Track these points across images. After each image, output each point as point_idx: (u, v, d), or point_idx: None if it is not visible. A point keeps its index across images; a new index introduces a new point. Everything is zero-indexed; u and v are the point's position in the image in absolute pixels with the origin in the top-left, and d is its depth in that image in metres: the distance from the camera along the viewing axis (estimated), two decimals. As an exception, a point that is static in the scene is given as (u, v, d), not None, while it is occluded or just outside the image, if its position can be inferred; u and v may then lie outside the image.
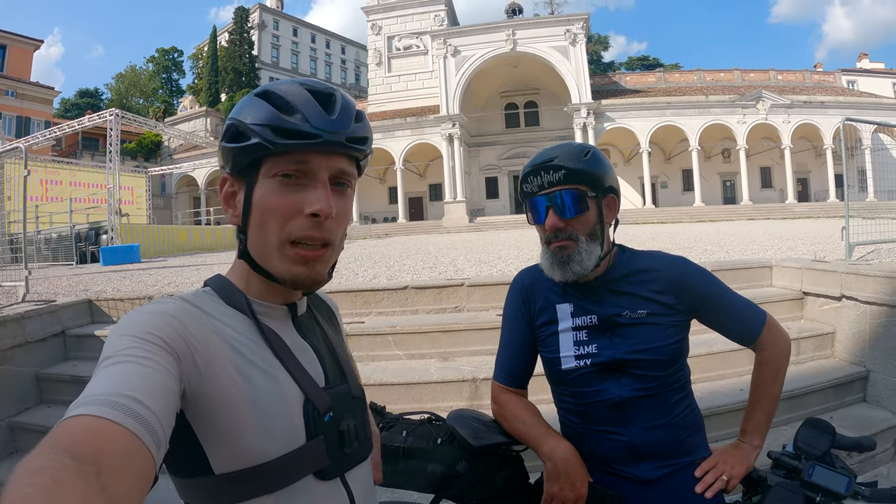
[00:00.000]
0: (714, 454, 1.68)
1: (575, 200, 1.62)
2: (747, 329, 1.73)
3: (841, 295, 4.75)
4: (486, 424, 1.78)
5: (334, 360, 1.13)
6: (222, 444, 0.89)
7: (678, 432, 1.65)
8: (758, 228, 19.91)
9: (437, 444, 1.71)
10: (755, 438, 1.72)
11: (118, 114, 23.83)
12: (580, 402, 1.70)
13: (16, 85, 44.74)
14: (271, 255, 0.98)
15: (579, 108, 42.82)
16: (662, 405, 1.64)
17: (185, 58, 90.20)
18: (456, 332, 4.73)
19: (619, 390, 1.63)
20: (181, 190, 53.89)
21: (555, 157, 1.64)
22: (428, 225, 42.94)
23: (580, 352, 1.68)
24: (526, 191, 1.70)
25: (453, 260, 10.39)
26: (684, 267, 1.75)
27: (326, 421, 1.01)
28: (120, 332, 0.83)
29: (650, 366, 1.62)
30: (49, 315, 4.99)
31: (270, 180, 0.97)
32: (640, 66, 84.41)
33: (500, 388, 1.84)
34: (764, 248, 9.98)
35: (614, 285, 1.71)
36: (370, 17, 53.11)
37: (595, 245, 1.65)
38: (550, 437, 1.65)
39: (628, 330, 1.65)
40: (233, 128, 0.98)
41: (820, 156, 43.91)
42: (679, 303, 1.68)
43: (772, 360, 1.73)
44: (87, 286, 8.28)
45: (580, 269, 1.62)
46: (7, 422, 4.24)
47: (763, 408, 1.75)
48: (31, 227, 19.52)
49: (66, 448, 0.58)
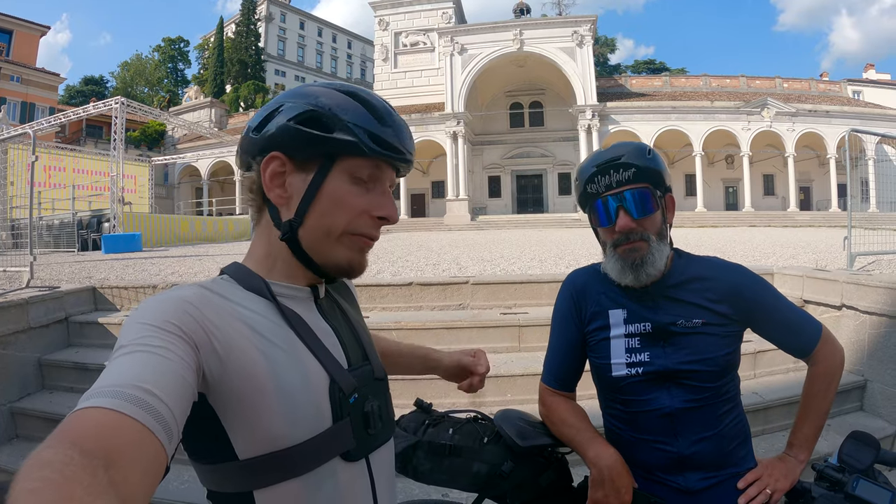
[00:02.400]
0: (759, 466, 1.65)
1: (647, 199, 1.59)
2: (803, 342, 1.69)
3: (841, 304, 4.76)
4: (533, 425, 1.75)
5: (356, 342, 1.14)
6: (247, 428, 0.89)
7: (726, 443, 1.62)
8: (759, 235, 19.90)
9: (483, 443, 1.67)
10: (802, 452, 1.69)
11: (123, 102, 23.81)
12: (629, 410, 1.67)
13: (21, 70, 44.71)
14: (330, 241, 1.02)
15: (584, 109, 42.73)
16: (712, 416, 1.61)
17: (191, 48, 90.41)
18: (459, 329, 4.74)
19: (670, 401, 1.60)
20: (184, 180, 53.82)
21: (622, 155, 1.61)
22: (430, 222, 42.89)
23: (632, 359, 1.64)
24: (590, 192, 1.66)
25: (456, 258, 10.38)
26: (741, 276, 1.70)
27: (352, 402, 1.01)
28: (136, 319, 0.83)
29: (703, 377, 1.59)
30: (53, 301, 4.99)
31: (345, 176, 1.01)
32: (647, 69, 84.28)
33: (548, 391, 1.81)
34: (765, 255, 9.97)
35: (670, 292, 1.66)
36: (378, 13, 53.06)
37: (664, 245, 1.63)
38: (597, 442, 1.62)
39: (682, 339, 1.61)
40: (320, 116, 0.99)
41: (823, 165, 43.86)
42: (734, 313, 1.64)
43: (825, 374, 1.70)
44: (90, 273, 8.28)
45: (653, 270, 1.60)
46: (8, 407, 4.23)
47: (812, 421, 1.71)
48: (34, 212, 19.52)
49: (75, 441, 0.58)
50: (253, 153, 1.02)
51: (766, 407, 4.09)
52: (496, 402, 4.09)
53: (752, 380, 4.40)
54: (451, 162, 44.10)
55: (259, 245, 1.07)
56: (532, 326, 4.82)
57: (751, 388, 4.23)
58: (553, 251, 12.05)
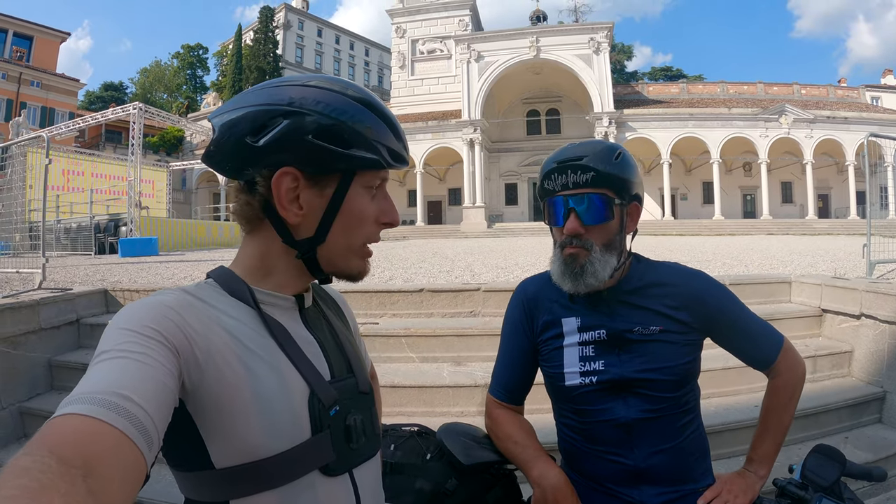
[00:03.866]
0: (718, 482, 1.60)
1: (601, 207, 1.52)
2: (762, 353, 1.65)
3: (860, 313, 4.64)
4: (478, 440, 1.70)
5: (341, 354, 1.11)
6: (223, 437, 0.87)
7: (684, 457, 1.57)
8: (777, 243, 19.71)
9: (426, 459, 1.62)
10: (762, 468, 1.64)
11: (142, 108, 24.01)
12: (583, 421, 1.62)
13: (41, 76, 45.43)
14: (348, 254, 1.03)
15: (601, 116, 42.75)
16: (670, 428, 1.56)
17: (209, 55, 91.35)
18: (470, 336, 4.68)
19: (626, 411, 1.55)
20: (201, 185, 54.31)
21: (583, 157, 1.53)
22: (446, 229, 43.05)
23: (586, 368, 1.59)
24: (547, 188, 1.60)
25: (470, 265, 10.35)
26: (703, 282, 1.66)
27: (332, 415, 0.99)
28: (118, 325, 0.82)
29: (660, 386, 1.54)
30: (64, 303, 5.00)
31: (361, 189, 1.01)
32: (664, 76, 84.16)
33: (495, 403, 1.77)
34: (783, 263, 9.85)
35: (627, 297, 1.61)
36: (395, 20, 53.47)
37: (611, 256, 1.56)
38: (541, 460, 1.56)
39: (639, 347, 1.57)
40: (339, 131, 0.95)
41: (842, 172, 43.54)
42: (694, 320, 1.59)
43: (785, 388, 1.65)
44: (104, 276, 8.32)
45: (593, 280, 1.54)
46: (17, 406, 4.24)
47: (772, 437, 1.67)
48: (52, 216, 19.74)
49: (53, 449, 0.58)
50: (255, 164, 0.96)
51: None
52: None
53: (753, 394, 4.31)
54: (468, 169, 44.21)
55: (251, 254, 1.04)
56: (544, 333, 4.71)
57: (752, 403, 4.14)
58: (567, 258, 11.91)
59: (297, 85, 0.98)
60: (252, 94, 0.98)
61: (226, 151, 0.98)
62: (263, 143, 0.93)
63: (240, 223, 1.04)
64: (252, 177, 0.97)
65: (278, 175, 0.94)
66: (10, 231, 7.60)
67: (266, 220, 1.00)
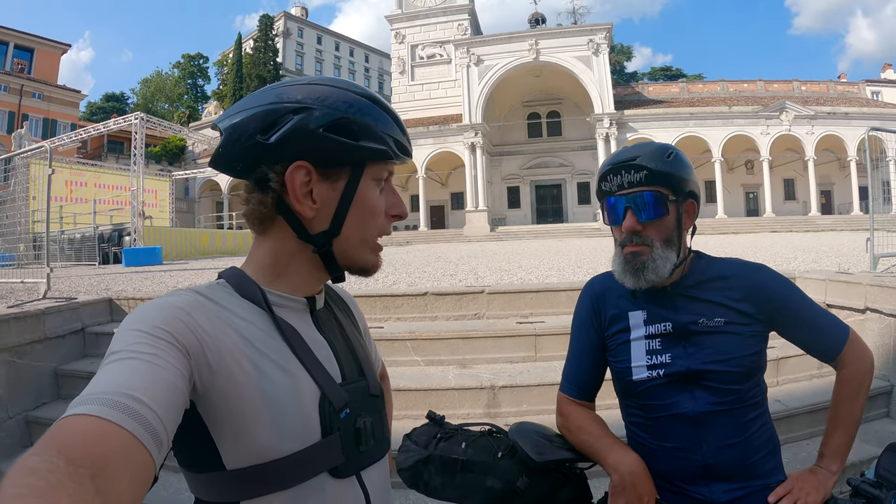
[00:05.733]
0: (789, 479, 1.56)
1: (655, 203, 1.54)
2: (829, 344, 1.62)
3: (865, 307, 4.65)
4: (550, 439, 1.67)
5: (352, 356, 1.10)
6: (234, 438, 0.87)
7: (753, 453, 1.55)
8: (781, 241, 19.71)
9: (497, 457, 1.60)
10: (834, 463, 1.60)
11: (143, 117, 24.00)
12: (650, 416, 1.61)
13: (43, 87, 45.58)
14: (364, 247, 1.03)
15: (602, 118, 42.73)
16: (738, 422, 1.54)
17: (210, 64, 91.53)
18: (475, 339, 4.69)
19: (693, 404, 1.53)
20: (204, 194, 54.41)
21: (637, 157, 1.56)
22: (449, 233, 43.04)
23: (653, 361, 1.59)
24: (604, 189, 1.63)
25: (474, 268, 10.35)
26: (765, 275, 1.64)
27: (342, 418, 0.98)
28: (129, 326, 0.82)
29: (727, 378, 1.52)
30: (69, 312, 5.02)
31: (371, 182, 1.01)
32: (663, 76, 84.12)
33: (567, 400, 1.76)
34: (787, 259, 9.85)
35: (690, 291, 1.62)
36: (394, 26, 53.51)
37: (671, 252, 1.57)
38: (617, 447, 1.55)
39: (704, 339, 1.56)
40: (348, 124, 0.96)
41: (844, 168, 43.50)
42: (758, 312, 1.58)
43: (854, 378, 1.62)
44: (108, 285, 8.35)
45: (654, 277, 1.54)
46: (24, 416, 4.27)
47: (843, 430, 1.63)
48: (56, 227, 19.78)
49: (61, 449, 0.58)
50: (267, 161, 0.95)
51: (789, 415, 3.99)
52: (511, 412, 4.02)
53: (775, 387, 4.29)
54: (470, 173, 44.20)
55: (263, 254, 1.03)
56: (549, 335, 4.73)
57: (773, 396, 4.13)
58: (571, 260, 12.01)
59: (303, 84, 0.99)
60: (258, 96, 0.99)
61: (236, 152, 0.98)
62: (275, 140, 0.93)
63: (251, 225, 1.04)
64: (265, 174, 0.96)
65: (292, 169, 0.94)
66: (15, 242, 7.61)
67: (279, 218, 0.99)
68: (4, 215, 8.13)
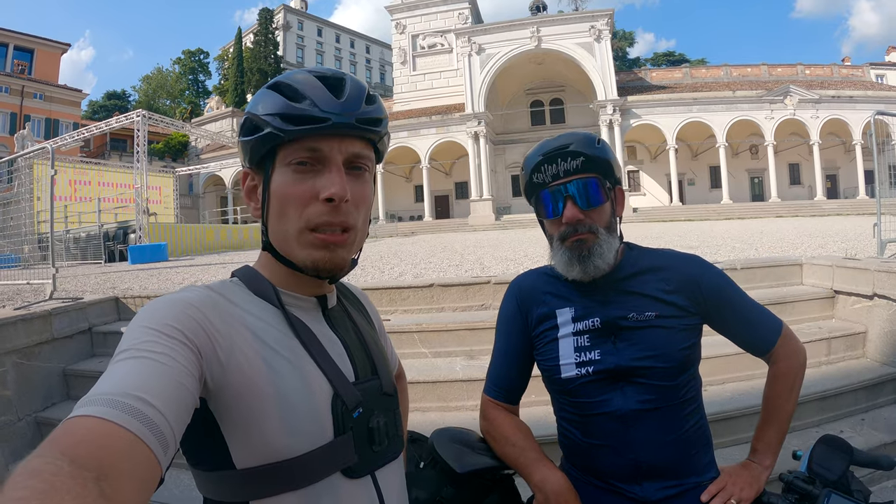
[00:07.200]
0: (722, 475, 1.55)
1: (595, 189, 1.52)
2: (761, 338, 1.62)
3: (873, 293, 4.58)
4: (472, 445, 1.64)
5: (365, 355, 1.10)
6: (244, 437, 0.87)
7: (687, 449, 1.52)
8: (787, 226, 19.63)
9: (418, 467, 1.56)
10: (766, 458, 1.60)
11: (145, 115, 24.10)
12: (581, 414, 1.57)
13: (44, 88, 45.69)
14: (291, 242, 0.98)
15: (605, 104, 42.54)
16: (671, 419, 1.51)
17: (210, 59, 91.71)
18: (482, 329, 4.65)
19: (624, 402, 1.50)
20: (208, 189, 54.54)
21: (569, 144, 1.54)
22: (454, 223, 43.03)
23: (581, 358, 1.55)
24: (536, 182, 1.58)
25: (479, 258, 10.34)
26: (698, 266, 1.63)
27: (356, 417, 0.98)
28: (140, 322, 0.82)
29: (658, 374, 1.49)
30: (76, 312, 5.02)
31: (286, 169, 0.97)
32: (666, 62, 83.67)
33: (491, 404, 1.71)
34: (793, 245, 9.81)
35: (620, 285, 1.58)
36: (394, 16, 53.38)
37: (613, 238, 1.55)
38: (542, 464, 1.50)
39: (634, 334, 1.52)
40: (248, 121, 0.99)
41: (849, 151, 43.17)
42: (690, 304, 1.56)
43: (786, 374, 1.62)
44: (114, 284, 8.36)
45: (602, 262, 1.52)
46: (34, 416, 4.27)
47: (776, 425, 1.63)
48: (60, 226, 19.89)
49: (66, 451, 0.58)
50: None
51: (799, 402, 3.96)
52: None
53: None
54: (474, 162, 44.13)
55: (263, 254, 1.06)
56: (556, 324, 4.67)
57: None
58: (577, 248, 11.89)
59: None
60: None
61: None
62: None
63: None
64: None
65: (240, 175, 1.03)
66: (20, 243, 7.62)
67: None
68: (9, 217, 8.15)
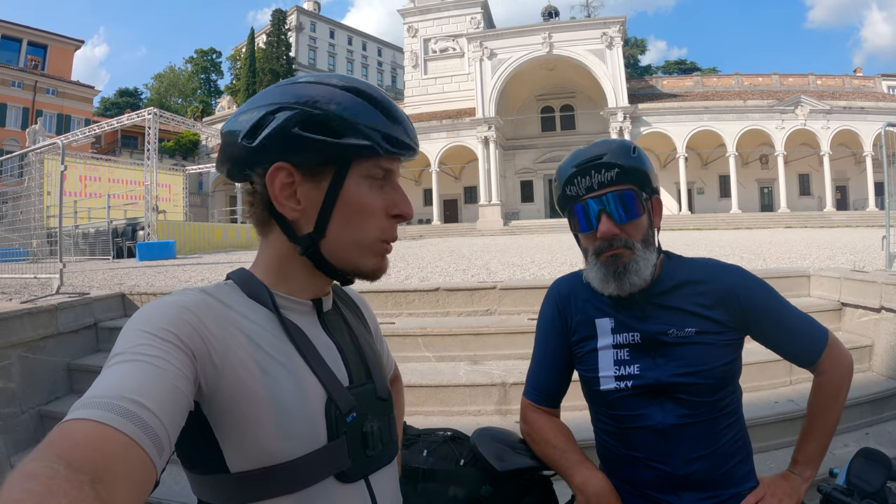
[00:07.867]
0: (761, 485, 1.52)
1: (631, 202, 1.47)
2: (805, 350, 1.56)
3: (880, 306, 4.55)
4: (513, 445, 1.64)
5: (360, 359, 1.09)
6: (238, 440, 0.86)
7: (725, 461, 1.49)
8: (795, 236, 19.55)
9: (459, 465, 1.56)
10: (807, 470, 1.56)
11: (156, 113, 24.18)
12: (619, 426, 1.55)
13: (56, 83, 46.00)
14: (363, 251, 0.99)
15: (615, 111, 42.51)
16: (709, 433, 1.48)
17: (223, 59, 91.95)
18: (486, 335, 4.66)
19: (663, 416, 1.47)
20: (218, 188, 54.67)
21: (603, 154, 1.49)
22: (462, 227, 43.04)
23: (620, 372, 1.52)
24: (570, 194, 1.53)
25: (486, 263, 10.34)
26: (739, 277, 1.57)
27: (349, 421, 0.97)
28: (134, 326, 0.81)
29: (698, 390, 1.46)
30: (82, 307, 5.04)
31: (362, 180, 0.97)
32: (678, 70, 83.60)
33: (531, 407, 1.69)
34: (801, 256, 9.76)
35: (659, 299, 1.54)
36: (406, 20, 53.48)
37: (650, 252, 1.51)
38: (584, 466, 1.50)
39: (675, 350, 1.49)
40: (325, 120, 0.93)
41: (859, 163, 42.99)
42: (730, 319, 1.51)
43: (831, 384, 1.57)
44: (121, 280, 8.40)
45: (637, 279, 1.48)
46: (37, 410, 4.29)
47: (819, 436, 1.58)
48: (70, 221, 19.96)
49: (62, 454, 0.58)
50: (251, 163, 0.96)
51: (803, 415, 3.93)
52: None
53: (788, 387, 4.24)
54: (483, 167, 44.12)
55: (268, 256, 1.03)
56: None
57: (787, 396, 4.07)
58: (584, 255, 11.87)
59: (285, 84, 0.98)
60: (253, 99, 0.99)
61: (228, 156, 0.99)
62: (257, 144, 0.93)
63: (255, 226, 1.03)
64: (251, 178, 0.98)
65: (271, 171, 0.94)
66: (29, 237, 7.66)
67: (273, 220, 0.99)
68: (19, 211, 8.20)
